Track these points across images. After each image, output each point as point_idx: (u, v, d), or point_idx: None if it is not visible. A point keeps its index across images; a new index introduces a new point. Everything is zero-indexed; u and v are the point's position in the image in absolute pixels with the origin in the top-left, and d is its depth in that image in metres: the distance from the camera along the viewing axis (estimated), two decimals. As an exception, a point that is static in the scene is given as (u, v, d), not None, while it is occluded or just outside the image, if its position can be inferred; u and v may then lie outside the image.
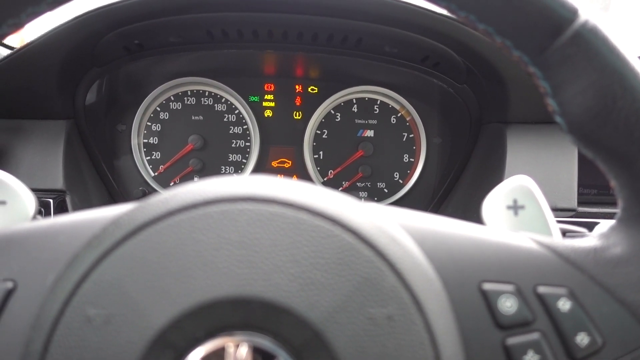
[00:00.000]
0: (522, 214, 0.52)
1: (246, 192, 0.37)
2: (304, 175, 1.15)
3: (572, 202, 0.90)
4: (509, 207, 0.52)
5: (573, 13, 0.38)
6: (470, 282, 0.40)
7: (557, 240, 0.43)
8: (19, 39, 1.02)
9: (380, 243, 0.36)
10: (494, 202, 0.52)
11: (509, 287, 0.40)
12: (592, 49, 0.38)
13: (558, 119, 0.41)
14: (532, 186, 0.52)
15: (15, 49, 0.90)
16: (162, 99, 1.13)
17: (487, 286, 0.40)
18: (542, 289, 0.40)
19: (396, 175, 1.14)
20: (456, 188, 1.09)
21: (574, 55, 0.38)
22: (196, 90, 1.13)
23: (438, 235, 0.42)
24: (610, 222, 0.44)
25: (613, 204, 0.93)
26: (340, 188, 1.15)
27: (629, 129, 0.38)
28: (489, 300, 0.40)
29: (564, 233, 0.61)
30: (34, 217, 0.54)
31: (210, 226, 0.35)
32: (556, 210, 0.89)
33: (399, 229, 0.39)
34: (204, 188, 0.37)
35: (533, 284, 0.40)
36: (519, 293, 0.40)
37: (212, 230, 0.35)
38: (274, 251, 0.35)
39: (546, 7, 0.38)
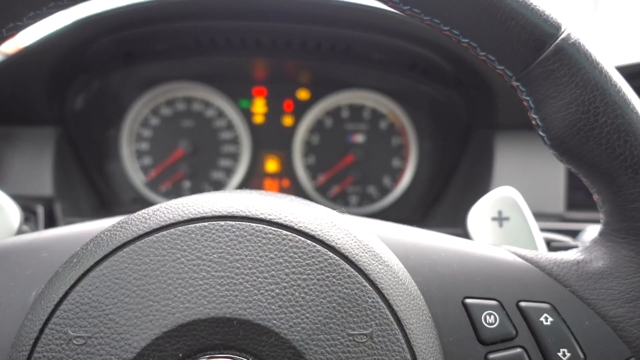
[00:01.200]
0: (507, 225, 0.52)
1: (228, 210, 0.37)
2: (295, 181, 1.15)
3: (560, 207, 0.90)
4: (493, 219, 0.52)
5: (556, 28, 0.38)
6: (453, 298, 0.40)
7: (540, 254, 0.43)
8: (11, 46, 1.01)
9: (362, 261, 0.36)
10: (479, 213, 0.53)
11: (492, 303, 0.40)
12: (575, 64, 0.38)
13: (541, 133, 0.41)
14: (517, 197, 0.53)
15: (4, 56, 0.90)
16: (152, 105, 1.12)
17: (470, 302, 0.40)
18: (524, 305, 0.40)
19: (386, 180, 1.15)
20: (446, 193, 1.09)
21: (556, 71, 0.39)
22: (186, 96, 1.13)
23: (421, 249, 0.43)
24: (593, 235, 0.44)
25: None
26: (331, 193, 1.14)
27: (611, 145, 0.39)
28: (471, 316, 0.40)
29: (549, 243, 0.61)
30: (20, 229, 0.54)
31: (191, 245, 0.35)
32: (544, 216, 0.89)
33: (381, 245, 0.39)
34: (185, 205, 0.37)
35: (516, 299, 0.40)
36: (501, 309, 0.40)
37: (193, 249, 0.35)
38: (255, 270, 0.35)
39: (529, 22, 0.38)
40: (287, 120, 1.14)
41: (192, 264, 0.35)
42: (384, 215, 1.13)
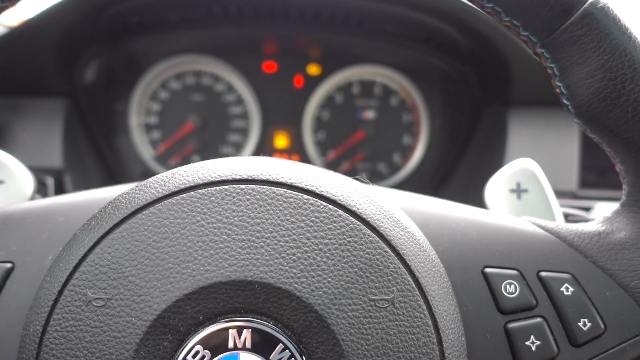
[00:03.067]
0: (525, 197, 0.51)
1: (248, 174, 0.36)
2: (304, 156, 1.14)
3: (573, 185, 0.90)
4: (512, 191, 0.51)
5: None
6: (473, 267, 0.40)
7: (560, 225, 0.43)
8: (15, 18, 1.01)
9: (384, 226, 0.35)
10: (497, 185, 0.52)
11: (512, 273, 0.40)
12: (603, 29, 0.37)
13: (565, 101, 0.40)
14: (535, 169, 0.52)
15: (13, 26, 0.89)
16: (161, 78, 1.12)
17: (490, 271, 0.40)
18: (545, 274, 0.40)
19: (396, 157, 1.14)
20: (457, 170, 1.08)
21: (583, 36, 0.38)
22: (196, 69, 1.12)
23: (441, 218, 0.42)
24: (614, 207, 0.43)
25: (614, 185, 0.93)
26: (341, 170, 1.14)
27: (638, 113, 0.38)
28: (491, 285, 0.40)
29: (566, 216, 0.60)
30: (33, 197, 0.54)
31: (211, 208, 0.35)
32: (556, 193, 0.88)
33: (402, 212, 0.39)
34: (204, 168, 0.37)
35: (536, 269, 0.40)
36: (521, 278, 0.40)
37: (213, 212, 0.35)
38: (276, 234, 0.34)
39: None
40: (298, 95, 1.13)
41: (212, 227, 0.34)
42: (394, 192, 1.12)
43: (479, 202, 0.94)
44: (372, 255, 0.34)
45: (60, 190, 0.92)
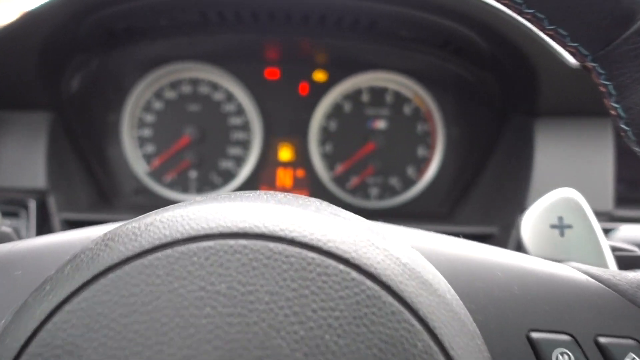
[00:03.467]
0: (570, 234, 0.45)
1: (239, 225, 0.30)
2: (310, 171, 1.12)
3: (608, 204, 0.86)
4: (553, 226, 0.45)
5: None
6: (516, 331, 0.35)
7: (617, 274, 0.37)
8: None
9: (409, 291, 0.29)
10: (535, 218, 0.46)
11: (564, 338, 0.35)
12: None
13: (623, 127, 0.35)
14: (580, 200, 0.46)
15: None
16: (155, 87, 1.10)
17: (537, 336, 0.35)
18: (604, 341, 0.35)
19: (410, 170, 1.11)
20: (476, 186, 1.05)
21: None
22: (192, 77, 1.10)
23: (473, 268, 0.37)
24: (629, 233, 0.37)
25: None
26: (350, 185, 1.12)
27: None
28: (539, 355, 0.34)
29: (614, 251, 0.54)
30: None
31: (192, 272, 0.28)
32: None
33: (428, 266, 0.32)
34: (185, 218, 0.30)
35: (593, 333, 0.35)
36: (576, 346, 0.34)
37: (195, 277, 0.28)
38: (273, 306, 0.28)
39: None
40: (303, 105, 1.11)
41: (193, 297, 0.28)
42: (408, 209, 1.10)
43: (502, 222, 0.87)
44: (396, 330, 0.28)
45: (43, 213, 0.88)
